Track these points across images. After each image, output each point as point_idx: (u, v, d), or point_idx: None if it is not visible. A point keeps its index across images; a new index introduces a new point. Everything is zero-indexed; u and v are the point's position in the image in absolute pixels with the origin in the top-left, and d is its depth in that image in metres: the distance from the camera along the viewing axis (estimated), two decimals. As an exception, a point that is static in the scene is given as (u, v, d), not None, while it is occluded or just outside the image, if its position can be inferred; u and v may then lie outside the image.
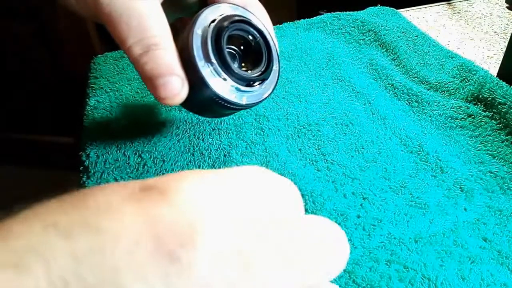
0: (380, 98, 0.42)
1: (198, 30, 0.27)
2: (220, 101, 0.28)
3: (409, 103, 0.42)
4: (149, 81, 0.27)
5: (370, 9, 0.57)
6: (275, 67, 0.31)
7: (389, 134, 0.38)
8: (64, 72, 0.98)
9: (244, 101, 0.29)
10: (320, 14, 0.56)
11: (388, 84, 0.44)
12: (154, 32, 0.26)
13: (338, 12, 0.56)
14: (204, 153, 0.36)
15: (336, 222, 0.21)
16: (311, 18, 0.56)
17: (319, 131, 0.38)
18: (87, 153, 0.36)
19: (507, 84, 0.40)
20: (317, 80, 0.45)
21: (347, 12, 0.55)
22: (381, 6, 0.57)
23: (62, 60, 0.97)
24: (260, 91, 0.30)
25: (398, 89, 0.43)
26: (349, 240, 0.28)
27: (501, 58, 0.45)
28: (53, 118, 1.02)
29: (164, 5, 0.28)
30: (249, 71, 0.29)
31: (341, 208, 0.31)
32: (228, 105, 0.28)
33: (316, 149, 0.36)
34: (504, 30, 0.57)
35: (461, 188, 0.32)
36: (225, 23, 0.27)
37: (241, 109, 0.30)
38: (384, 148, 0.36)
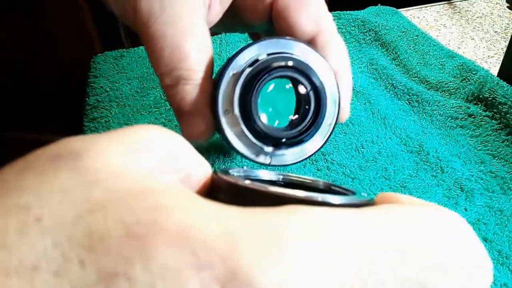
0: (380, 98, 0.42)
1: (231, 71, 0.24)
2: (241, 154, 0.25)
3: (410, 102, 0.42)
4: (176, 113, 0.25)
5: (371, 9, 0.57)
6: (327, 123, 0.25)
7: (389, 134, 0.38)
8: (64, 71, 0.98)
9: (268, 161, 0.24)
10: (321, 14, 0.56)
11: (389, 83, 0.44)
12: (189, 64, 0.23)
13: (338, 12, 0.55)
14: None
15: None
16: (311, 18, 0.55)
17: (319, 131, 0.38)
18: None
19: (507, 84, 0.40)
20: (317, 80, 0.45)
21: (348, 12, 0.55)
22: (382, 6, 0.57)
23: (62, 60, 0.97)
24: (292, 154, 0.25)
25: (398, 88, 0.43)
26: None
27: (501, 57, 0.45)
28: (53, 118, 1.02)
29: (225, 17, 0.26)
30: (291, 128, 0.24)
31: (341, 208, 0.31)
32: (250, 160, 0.25)
33: (316, 148, 0.36)
34: (504, 29, 0.57)
35: (462, 188, 0.32)
36: (266, 69, 0.23)
37: (269, 166, 0.25)
38: (384, 148, 0.36)
